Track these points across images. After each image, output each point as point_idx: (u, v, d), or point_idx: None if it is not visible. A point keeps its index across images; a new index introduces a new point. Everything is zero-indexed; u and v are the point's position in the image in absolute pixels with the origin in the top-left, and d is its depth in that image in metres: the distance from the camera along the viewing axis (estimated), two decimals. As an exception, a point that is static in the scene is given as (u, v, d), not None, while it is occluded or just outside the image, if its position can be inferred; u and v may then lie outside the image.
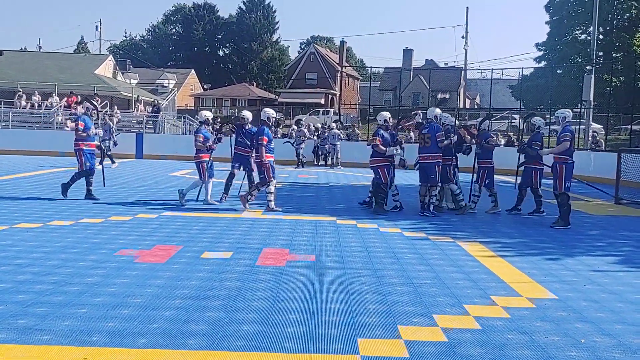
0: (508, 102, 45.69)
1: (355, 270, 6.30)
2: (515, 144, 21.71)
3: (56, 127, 26.63)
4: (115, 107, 30.58)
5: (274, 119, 10.73)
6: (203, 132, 10.73)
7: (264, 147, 10.08)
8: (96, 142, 11.37)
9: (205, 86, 69.20)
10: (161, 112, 28.96)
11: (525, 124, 12.40)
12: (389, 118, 10.89)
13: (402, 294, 5.46)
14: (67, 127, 25.98)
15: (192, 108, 53.91)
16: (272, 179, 10.23)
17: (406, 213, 10.62)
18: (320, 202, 12.11)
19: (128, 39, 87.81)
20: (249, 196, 10.41)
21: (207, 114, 11.27)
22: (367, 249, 7.40)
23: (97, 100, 15.28)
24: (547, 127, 20.04)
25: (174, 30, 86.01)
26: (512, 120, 35.09)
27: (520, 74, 37.41)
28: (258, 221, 9.34)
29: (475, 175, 11.10)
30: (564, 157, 9.52)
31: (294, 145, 21.40)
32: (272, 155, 10.29)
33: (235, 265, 6.39)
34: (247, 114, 11.37)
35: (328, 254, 7.07)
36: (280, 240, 7.87)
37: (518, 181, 11.22)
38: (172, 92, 40.29)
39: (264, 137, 10.13)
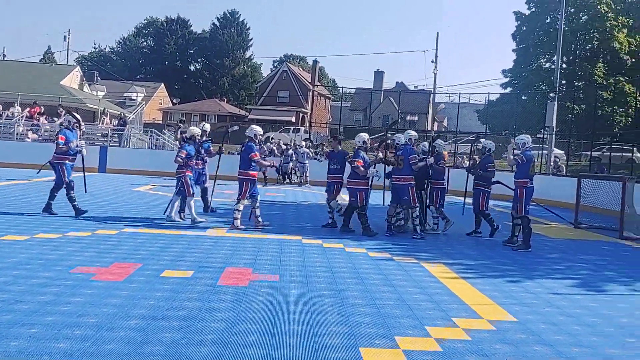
0: (474, 126, 46.42)
1: (319, 290, 6.26)
2: (465, 164, 22.09)
3: (16, 138, 25.98)
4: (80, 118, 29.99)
5: (260, 136, 10.84)
6: (187, 148, 10.56)
7: (255, 162, 10.18)
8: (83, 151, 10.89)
9: (174, 100, 68.70)
10: (127, 126, 28.54)
11: (474, 147, 12.55)
12: (368, 139, 10.97)
13: (365, 315, 5.43)
14: (29, 138, 25.48)
15: (160, 122, 53.41)
16: (244, 198, 10.20)
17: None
18: (286, 221, 12.03)
19: (97, 50, 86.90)
20: (257, 217, 10.43)
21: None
22: (332, 269, 7.36)
23: (62, 113, 14.66)
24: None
25: (145, 43, 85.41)
26: (478, 144, 35.68)
27: (487, 99, 38.18)
28: (222, 239, 9.21)
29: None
30: (523, 181, 9.68)
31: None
32: (255, 172, 10.33)
33: (196, 284, 6.26)
34: (195, 129, 11.12)
35: (292, 273, 7.01)
36: (243, 259, 7.78)
37: (468, 201, 11.41)
38: (140, 106, 39.75)
39: (254, 153, 10.19)
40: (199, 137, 11.05)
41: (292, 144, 25.55)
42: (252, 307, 5.49)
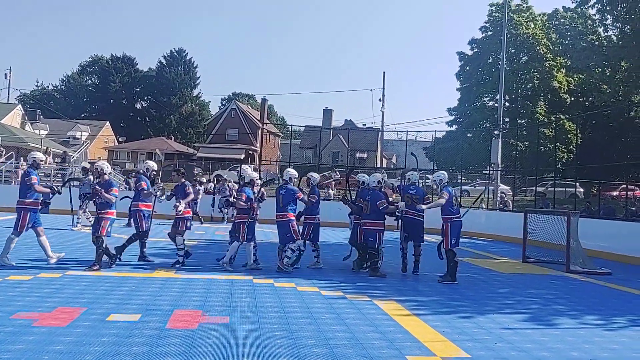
0: (422, 163, 47.33)
1: (271, 332, 6.13)
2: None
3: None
4: (22, 159, 29.15)
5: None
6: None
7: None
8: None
9: (120, 139, 67.52)
10: (70, 163, 27.84)
11: (401, 178, 12.61)
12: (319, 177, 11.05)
13: (318, 356, 5.34)
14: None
15: (106, 160, 52.24)
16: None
17: (325, 271, 10.58)
18: (236, 261, 11.73)
19: (40, 88, 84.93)
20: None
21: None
22: (284, 309, 7.24)
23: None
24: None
25: (89, 81, 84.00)
26: (426, 181, 36.31)
27: (434, 136, 39.04)
28: (170, 281, 8.97)
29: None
30: (448, 217, 9.82)
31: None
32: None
33: (144, 328, 6.05)
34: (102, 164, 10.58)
35: (243, 315, 6.86)
36: (193, 301, 7.57)
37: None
38: (85, 144, 38.96)
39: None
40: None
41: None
42: (202, 351, 5.32)
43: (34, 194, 9.73)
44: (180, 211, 10.34)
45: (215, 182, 23.80)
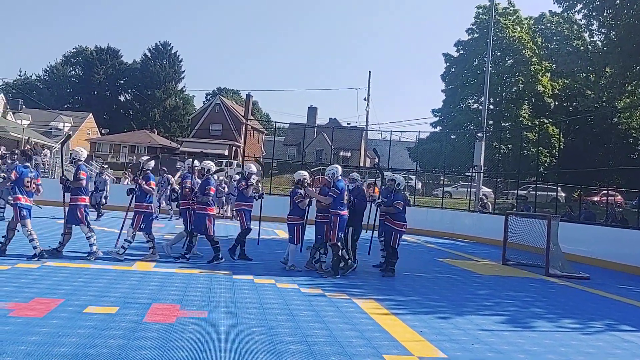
0: (405, 163, 47.49)
1: (249, 327, 6.10)
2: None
3: None
4: (3, 147, 28.77)
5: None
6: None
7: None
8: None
9: (103, 131, 66.92)
10: (42, 154, 27.54)
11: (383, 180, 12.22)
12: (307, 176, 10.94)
13: (295, 352, 5.32)
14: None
15: (88, 153, 51.70)
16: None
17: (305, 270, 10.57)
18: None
19: (23, 78, 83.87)
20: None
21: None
22: (263, 306, 7.21)
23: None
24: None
25: (73, 72, 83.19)
26: (409, 181, 36.47)
27: (417, 137, 39.15)
28: (149, 274, 8.90)
29: None
30: (337, 211, 9.88)
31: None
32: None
33: (121, 321, 6.00)
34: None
35: (222, 310, 6.82)
36: (171, 295, 7.51)
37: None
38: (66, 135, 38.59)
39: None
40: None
41: (226, 177, 25.19)
42: (179, 346, 5.28)
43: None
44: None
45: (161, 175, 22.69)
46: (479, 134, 26.92)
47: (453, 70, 47.33)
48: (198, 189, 10.42)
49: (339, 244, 9.97)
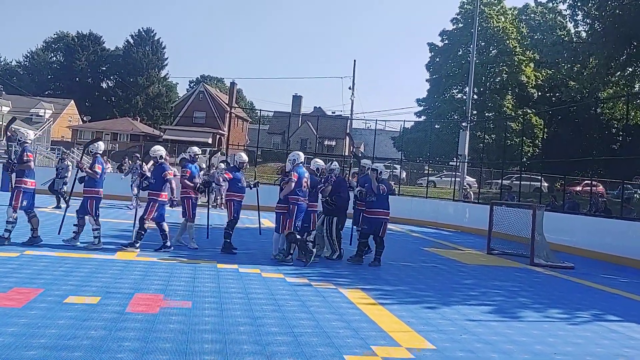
0: (390, 153, 47.55)
1: (234, 318, 5.98)
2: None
3: None
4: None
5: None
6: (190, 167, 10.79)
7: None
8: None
9: (84, 118, 66.10)
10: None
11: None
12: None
13: (281, 344, 5.22)
14: None
15: (69, 140, 51.21)
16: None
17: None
18: (200, 245, 11.43)
19: (2, 63, 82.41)
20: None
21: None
22: (248, 295, 7.10)
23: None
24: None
25: (54, 58, 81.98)
26: (394, 170, 36.51)
27: (402, 126, 39.09)
28: (131, 263, 8.74)
29: None
30: (295, 198, 9.80)
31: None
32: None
33: (102, 312, 5.86)
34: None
35: (206, 300, 6.70)
36: (154, 284, 7.37)
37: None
38: (48, 123, 38.03)
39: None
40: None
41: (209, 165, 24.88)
42: (162, 337, 5.16)
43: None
44: None
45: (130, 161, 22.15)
46: (463, 124, 26.93)
47: (437, 60, 47.36)
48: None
49: (296, 233, 9.78)
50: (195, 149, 11.47)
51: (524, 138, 35.24)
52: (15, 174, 9.55)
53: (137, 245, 9.79)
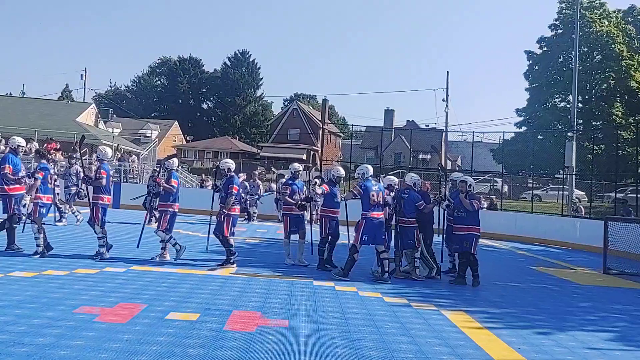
0: (489, 166, 45.96)
1: (331, 339, 5.78)
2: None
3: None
4: (95, 155, 30.05)
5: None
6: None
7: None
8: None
9: (188, 138, 69.08)
10: (130, 160, 28.55)
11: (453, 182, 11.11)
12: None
13: (382, 369, 4.94)
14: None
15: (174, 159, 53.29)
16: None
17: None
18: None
19: (113, 88, 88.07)
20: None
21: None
22: (345, 315, 6.88)
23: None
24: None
25: (159, 82, 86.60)
26: (495, 184, 35.14)
27: (501, 138, 37.66)
28: (230, 279, 8.78)
29: None
30: (364, 213, 9.35)
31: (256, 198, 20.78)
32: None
33: (201, 329, 5.86)
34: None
35: (303, 319, 6.55)
36: (252, 301, 7.33)
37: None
38: (154, 143, 39.99)
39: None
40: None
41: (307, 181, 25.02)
42: (259, 357, 5.06)
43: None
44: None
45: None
46: (569, 134, 25.50)
47: (537, 68, 45.50)
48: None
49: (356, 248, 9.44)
50: (297, 165, 11.32)
51: (638, 148, 32.95)
52: (92, 189, 9.88)
53: (232, 260, 9.77)
